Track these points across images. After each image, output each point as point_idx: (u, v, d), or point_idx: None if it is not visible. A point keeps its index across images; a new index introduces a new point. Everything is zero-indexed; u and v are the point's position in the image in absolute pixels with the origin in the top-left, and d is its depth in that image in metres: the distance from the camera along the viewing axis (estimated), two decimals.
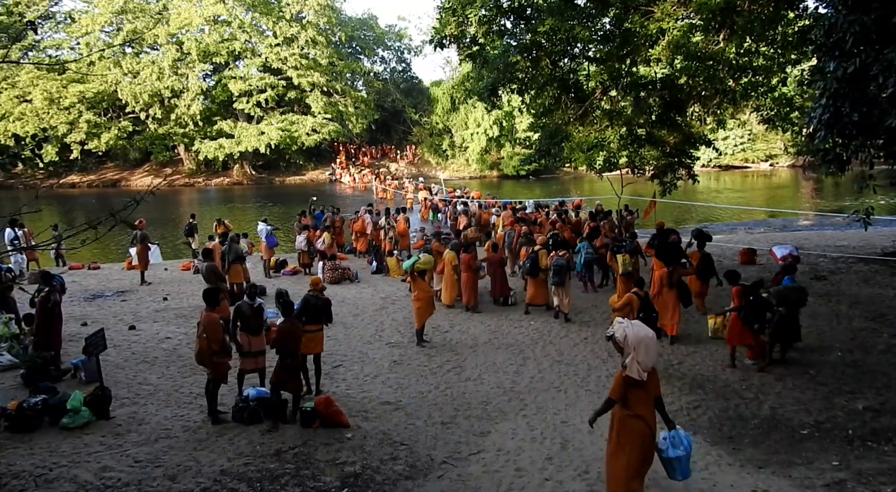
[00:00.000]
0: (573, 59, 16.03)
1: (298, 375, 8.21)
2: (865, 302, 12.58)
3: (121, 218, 3.81)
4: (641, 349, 5.37)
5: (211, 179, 57.10)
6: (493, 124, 53.67)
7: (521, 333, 11.67)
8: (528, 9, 14.57)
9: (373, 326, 12.50)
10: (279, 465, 6.85)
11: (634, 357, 5.37)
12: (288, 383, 7.90)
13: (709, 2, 12.06)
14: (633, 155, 15.85)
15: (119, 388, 9.06)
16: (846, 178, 12.16)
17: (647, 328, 5.59)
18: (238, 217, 32.36)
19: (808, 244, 19.83)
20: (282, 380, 7.85)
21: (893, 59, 7.66)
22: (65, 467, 6.72)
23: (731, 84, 14.75)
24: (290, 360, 7.89)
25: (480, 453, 7.18)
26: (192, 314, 13.00)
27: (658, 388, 5.70)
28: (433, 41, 15.13)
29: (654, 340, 5.50)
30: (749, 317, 9.27)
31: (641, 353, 5.37)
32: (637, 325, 5.62)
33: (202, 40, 52.13)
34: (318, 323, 8.94)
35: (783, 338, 9.51)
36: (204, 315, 8.09)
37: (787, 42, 13.68)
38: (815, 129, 9.67)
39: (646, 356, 5.38)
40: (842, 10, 8.61)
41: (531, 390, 9.05)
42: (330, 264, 16.89)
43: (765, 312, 9.37)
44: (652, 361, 5.45)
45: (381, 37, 63.66)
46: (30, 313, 10.90)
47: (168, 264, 19.91)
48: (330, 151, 61.17)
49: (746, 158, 56.79)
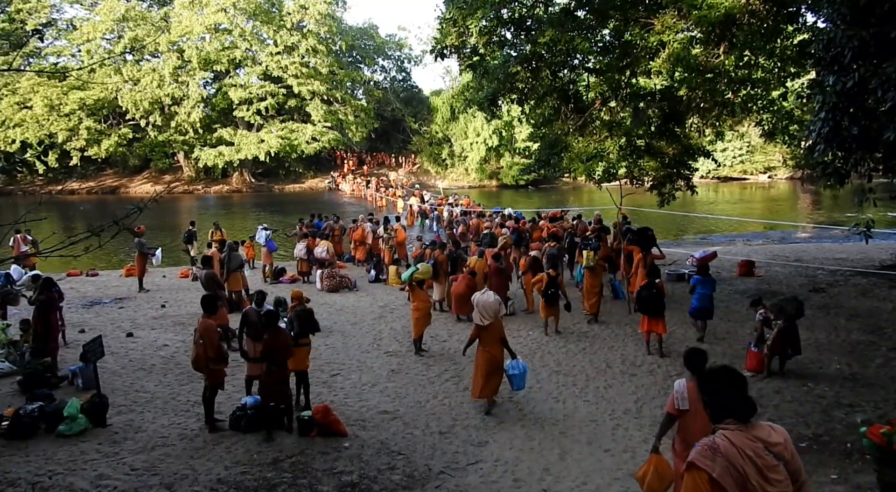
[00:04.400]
0: (573, 70, 16.10)
1: (286, 383, 8.02)
2: (864, 315, 12.58)
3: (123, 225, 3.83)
4: (480, 307, 8.52)
5: (210, 187, 57.14)
6: (493, 134, 53.86)
7: (520, 343, 11.65)
8: (529, 20, 14.66)
9: (371, 335, 12.48)
10: (276, 474, 6.82)
11: (478, 311, 8.54)
12: (277, 393, 7.78)
13: (708, 15, 12.12)
14: (632, 166, 15.87)
15: (116, 395, 9.04)
16: (845, 191, 12.20)
17: (487, 295, 8.67)
18: (238, 225, 32.37)
19: (807, 256, 19.87)
20: (271, 391, 7.76)
21: (892, 74, 7.71)
22: (61, 475, 6.69)
23: (730, 96, 14.81)
24: (277, 368, 7.81)
25: (478, 463, 7.16)
26: (190, 322, 12.97)
27: (502, 332, 8.64)
28: (434, 51, 15.20)
29: (489, 302, 8.51)
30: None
31: (480, 309, 8.51)
32: (483, 293, 8.74)
33: (203, 48, 52.33)
34: (306, 335, 8.91)
35: (782, 350, 9.50)
36: (201, 322, 8.07)
37: (786, 56, 13.75)
38: (815, 142, 9.71)
39: (484, 312, 8.48)
40: (841, 25, 8.68)
41: (529, 400, 9.03)
42: (328, 272, 16.88)
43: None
44: (489, 316, 8.46)
45: (382, 46, 63.93)
46: (27, 319, 10.88)
47: (166, 271, 19.89)
48: (329, 160, 61.28)
49: (745, 170, 56.97)
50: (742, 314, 12.71)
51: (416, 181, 54.25)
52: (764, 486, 2.74)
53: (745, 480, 2.73)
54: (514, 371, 8.65)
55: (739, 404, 2.94)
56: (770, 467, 2.77)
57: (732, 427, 2.90)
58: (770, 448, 2.83)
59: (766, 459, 2.78)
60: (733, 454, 2.77)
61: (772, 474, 2.76)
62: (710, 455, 2.81)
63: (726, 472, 2.74)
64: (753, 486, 2.73)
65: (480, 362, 8.58)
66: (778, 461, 2.80)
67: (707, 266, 11.96)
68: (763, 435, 2.87)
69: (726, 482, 2.72)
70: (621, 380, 9.69)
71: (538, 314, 13.61)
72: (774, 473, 2.77)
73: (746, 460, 2.77)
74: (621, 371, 10.08)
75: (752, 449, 2.80)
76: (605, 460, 7.09)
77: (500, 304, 8.67)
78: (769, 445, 2.84)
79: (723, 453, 2.78)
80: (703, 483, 2.78)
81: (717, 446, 2.81)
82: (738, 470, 2.74)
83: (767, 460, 2.78)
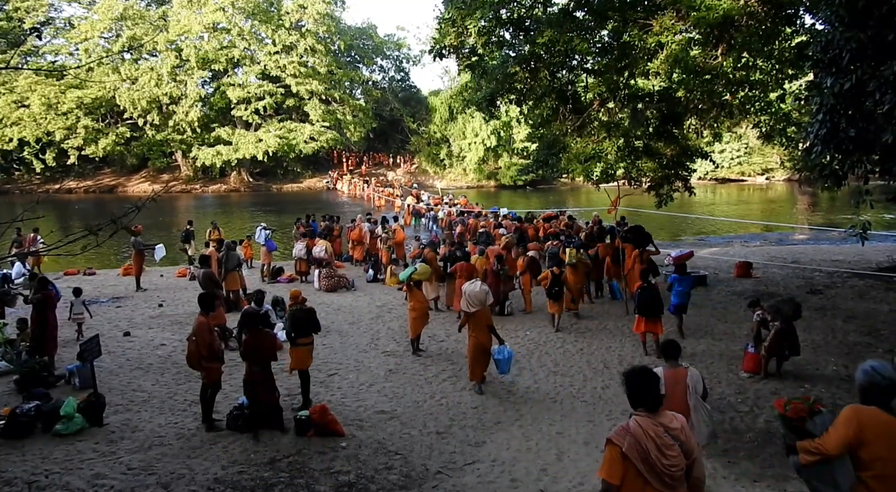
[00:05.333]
0: (571, 71, 16.12)
1: (270, 384, 7.89)
2: (860, 317, 12.61)
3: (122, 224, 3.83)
4: (468, 295, 9.28)
5: (208, 186, 57.11)
6: (491, 134, 53.86)
7: (517, 343, 11.66)
8: (528, 20, 14.68)
9: (368, 335, 12.48)
10: (273, 473, 6.81)
11: (465, 299, 9.30)
12: (260, 393, 7.73)
13: (707, 16, 12.14)
14: (630, 167, 15.89)
15: (113, 394, 9.02)
16: (842, 192, 12.23)
17: (475, 284, 9.46)
18: (235, 224, 32.35)
19: (804, 258, 19.91)
20: (254, 391, 7.71)
21: (889, 76, 7.73)
22: (57, 474, 6.68)
23: (728, 98, 14.84)
24: (259, 369, 7.76)
25: (475, 463, 7.16)
26: (187, 321, 12.95)
27: (490, 319, 9.43)
28: (432, 51, 15.21)
29: (476, 291, 9.26)
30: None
31: (468, 297, 9.26)
32: (472, 283, 9.55)
33: (201, 47, 52.28)
34: (307, 335, 8.89)
35: (779, 352, 9.52)
36: (196, 319, 8.09)
37: (784, 57, 13.77)
38: (812, 144, 9.73)
39: (470, 299, 9.21)
40: (839, 27, 8.69)
41: (526, 400, 9.03)
42: (326, 272, 16.86)
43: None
44: (475, 304, 9.20)
45: (380, 46, 63.93)
46: (24, 318, 10.87)
47: (164, 270, 19.86)
48: (328, 159, 61.25)
49: (743, 172, 57.07)
50: (739, 315, 12.73)
51: (415, 181, 54.24)
52: (661, 459, 3.53)
53: (647, 454, 3.53)
54: (500, 356, 9.33)
55: (650, 398, 3.69)
56: (667, 445, 3.56)
57: (643, 414, 3.67)
58: (669, 431, 3.60)
59: (665, 439, 3.56)
60: (640, 434, 3.56)
61: (668, 451, 3.55)
62: (623, 434, 3.60)
63: (632, 447, 3.54)
64: (653, 459, 3.52)
65: (469, 347, 9.56)
66: (674, 442, 3.57)
67: (684, 265, 12.33)
68: (665, 421, 3.64)
69: (632, 455, 3.53)
70: (619, 381, 9.65)
71: (536, 314, 13.68)
72: (670, 450, 3.56)
73: (649, 439, 3.55)
74: (619, 372, 10.06)
75: (654, 431, 3.57)
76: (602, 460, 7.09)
77: (486, 293, 9.37)
78: (669, 429, 3.61)
79: (632, 433, 3.57)
80: (616, 454, 3.58)
81: (629, 428, 3.61)
82: (642, 446, 3.53)
83: (666, 440, 3.57)
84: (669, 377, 5.93)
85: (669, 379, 5.91)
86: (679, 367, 6.15)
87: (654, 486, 3.53)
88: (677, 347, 6.27)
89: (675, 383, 5.98)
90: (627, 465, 3.55)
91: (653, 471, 3.52)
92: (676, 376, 6.04)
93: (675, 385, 5.96)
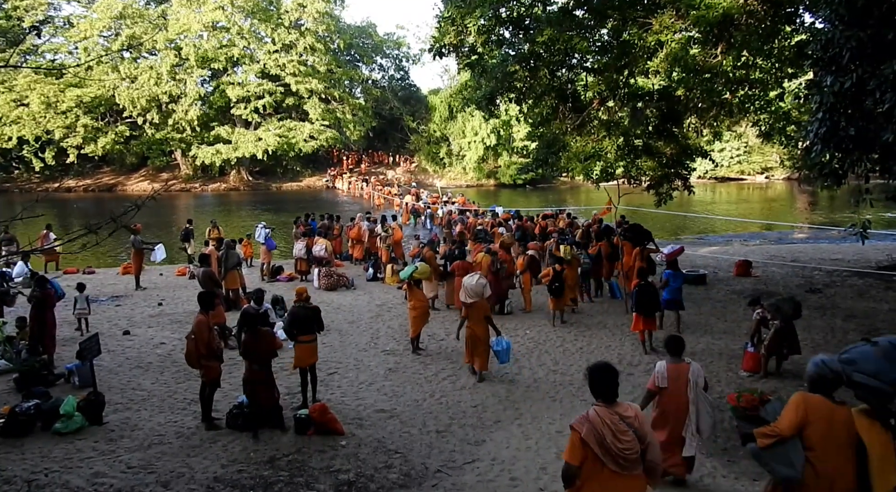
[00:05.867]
0: (571, 70, 16.09)
1: (268, 382, 7.88)
2: (860, 316, 12.61)
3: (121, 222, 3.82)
4: (466, 287, 9.87)
5: (207, 185, 57.01)
6: (491, 133, 53.78)
7: (517, 341, 11.66)
8: (527, 19, 14.65)
9: (368, 334, 12.48)
10: (273, 472, 6.81)
11: (464, 290, 9.89)
12: (260, 393, 7.73)
13: (707, 15, 12.13)
14: (629, 165, 15.88)
15: (113, 393, 9.03)
16: (842, 191, 12.22)
17: (474, 277, 10.12)
18: (235, 223, 32.33)
19: (804, 257, 19.91)
20: (254, 390, 7.71)
21: (890, 75, 7.71)
22: (57, 473, 6.68)
23: (727, 97, 14.83)
24: (259, 368, 7.76)
25: (475, 461, 7.16)
26: (186, 320, 12.94)
27: (487, 311, 9.96)
28: (432, 50, 15.18)
29: (473, 284, 9.83)
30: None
31: (466, 289, 9.84)
32: (471, 276, 10.20)
33: (200, 46, 52.18)
34: (309, 333, 8.88)
35: (778, 351, 9.52)
36: (195, 318, 8.09)
37: (784, 56, 13.75)
38: (812, 143, 9.71)
39: (467, 291, 9.80)
40: (839, 26, 8.67)
41: (526, 399, 9.04)
42: (325, 271, 16.86)
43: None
44: (472, 296, 9.76)
45: (380, 45, 63.81)
46: (23, 316, 10.86)
47: (163, 269, 19.86)
48: (327, 158, 61.19)
49: (742, 170, 57.06)
50: (739, 314, 12.74)
51: (415, 180, 54.20)
52: (616, 443, 4.04)
53: (603, 438, 4.04)
54: (498, 347, 9.79)
55: (607, 391, 4.25)
56: (622, 431, 4.07)
57: (601, 405, 4.22)
58: (624, 419, 4.11)
59: (619, 426, 4.08)
60: (597, 422, 4.09)
61: (623, 436, 4.06)
62: (582, 421, 4.14)
63: (590, 432, 4.06)
64: (609, 443, 4.03)
65: (465, 337, 10.06)
66: (629, 428, 4.08)
67: (676, 261, 12.49)
68: (620, 411, 4.17)
69: (589, 439, 4.05)
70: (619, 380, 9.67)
71: (536, 313, 13.68)
72: (625, 435, 4.07)
73: (605, 426, 4.07)
74: (619, 370, 10.07)
75: (610, 419, 4.09)
76: None
77: (483, 286, 9.92)
78: (623, 417, 4.13)
79: (590, 420, 4.10)
80: (577, 440, 4.11)
81: (588, 416, 4.15)
82: (599, 432, 4.05)
83: (621, 426, 4.08)
84: (672, 371, 6.18)
85: (672, 373, 6.17)
86: (682, 362, 6.29)
87: (610, 467, 4.04)
88: (681, 342, 6.42)
89: (678, 376, 6.16)
90: (586, 449, 4.06)
91: (608, 454, 4.03)
92: (679, 370, 6.20)
93: (677, 379, 6.16)
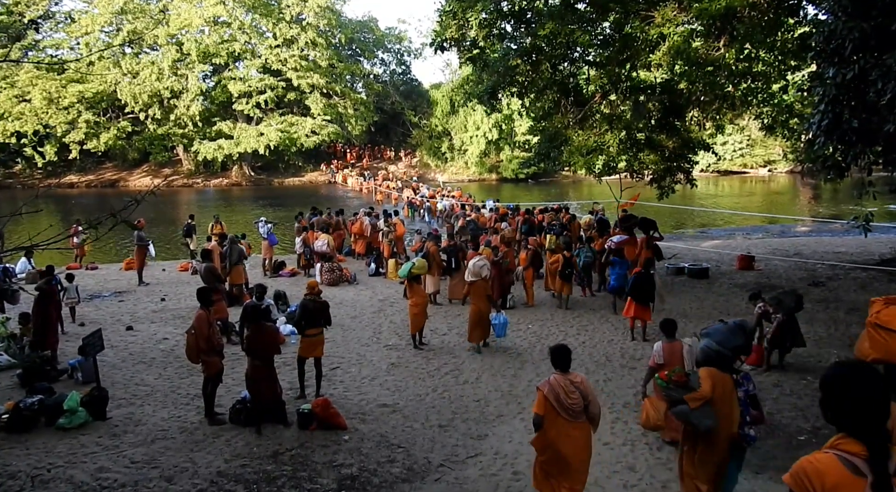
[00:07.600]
0: (573, 63, 16.06)
1: (270, 377, 7.91)
2: (863, 309, 12.48)
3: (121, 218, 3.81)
4: (469, 268, 11.14)
5: (209, 180, 56.96)
6: (493, 127, 53.61)
7: (519, 336, 11.67)
8: (529, 13, 14.61)
9: (370, 329, 12.49)
10: (276, 467, 6.83)
11: (468, 271, 11.10)
12: (264, 388, 7.74)
13: (709, 7, 12.08)
14: (632, 159, 15.87)
15: (116, 388, 9.05)
16: (844, 184, 12.19)
17: (477, 259, 11.18)
18: (237, 218, 32.34)
19: (806, 250, 19.86)
20: (257, 386, 7.71)
21: (892, 66, 7.69)
22: (61, 468, 6.71)
23: (730, 90, 14.78)
24: (261, 363, 7.78)
25: (478, 456, 7.17)
26: (189, 315, 12.92)
27: (488, 290, 11.09)
28: (433, 44, 15.15)
29: (477, 264, 10.96)
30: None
31: (472, 268, 10.99)
32: (476, 258, 11.23)
33: (202, 41, 52.05)
34: (317, 327, 8.90)
35: (781, 344, 9.51)
36: (196, 313, 8.11)
37: (786, 49, 13.71)
38: (815, 135, 9.68)
39: (474, 269, 10.92)
40: (841, 17, 8.63)
41: (529, 393, 9.03)
42: (328, 266, 16.86)
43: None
44: (473, 276, 10.91)
45: (381, 39, 63.58)
46: (26, 312, 10.89)
47: (166, 265, 19.88)
48: (329, 153, 61.12)
49: (745, 164, 56.78)
50: (741, 308, 12.71)
51: (416, 175, 54.11)
52: (567, 399, 5.37)
53: (558, 396, 5.37)
54: (496, 321, 10.98)
55: (563, 363, 5.56)
56: (571, 391, 5.40)
57: (557, 373, 5.55)
58: (573, 383, 5.43)
59: (569, 388, 5.40)
60: (555, 384, 5.43)
61: (571, 395, 5.39)
62: (545, 384, 5.46)
63: (550, 391, 5.40)
64: (562, 399, 5.36)
65: (470, 313, 11.02)
66: (575, 389, 5.40)
67: (622, 250, 13.51)
68: (571, 378, 5.49)
69: (550, 396, 5.38)
70: (620, 374, 9.70)
71: (538, 308, 13.68)
72: (573, 394, 5.39)
73: (560, 387, 5.41)
74: (621, 365, 10.09)
75: (563, 383, 5.43)
76: (605, 453, 7.11)
77: (481, 267, 10.98)
78: (573, 382, 5.45)
79: (551, 383, 5.44)
80: (541, 397, 5.42)
81: (549, 381, 5.48)
82: (556, 391, 5.39)
83: (570, 388, 5.40)
84: (667, 349, 7.31)
85: (667, 351, 7.29)
86: (675, 341, 7.37)
87: (563, 416, 5.37)
88: (674, 324, 7.54)
89: (672, 353, 7.23)
90: (548, 403, 5.38)
91: (562, 406, 5.36)
92: (673, 348, 7.29)
93: (671, 355, 7.21)
